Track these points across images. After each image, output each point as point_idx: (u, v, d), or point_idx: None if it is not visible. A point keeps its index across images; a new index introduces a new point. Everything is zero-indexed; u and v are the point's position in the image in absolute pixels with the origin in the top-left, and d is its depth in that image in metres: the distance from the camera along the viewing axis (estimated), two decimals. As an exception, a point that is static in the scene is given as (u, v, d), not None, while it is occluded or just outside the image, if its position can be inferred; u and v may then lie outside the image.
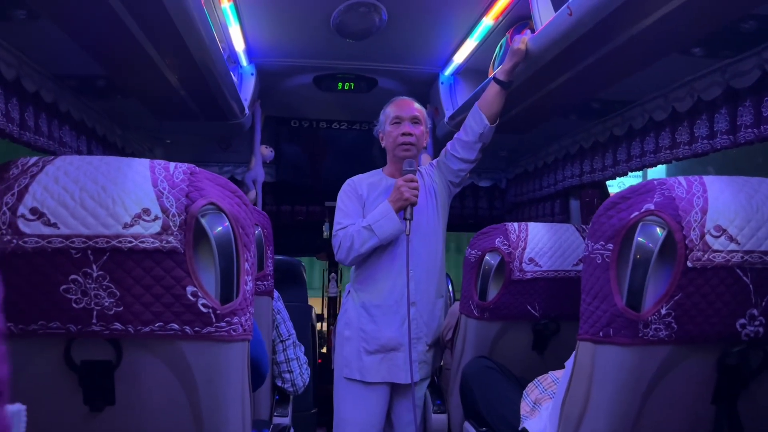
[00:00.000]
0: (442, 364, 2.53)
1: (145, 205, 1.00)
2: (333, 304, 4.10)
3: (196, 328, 1.03)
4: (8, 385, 0.23)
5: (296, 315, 2.56)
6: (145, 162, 1.05)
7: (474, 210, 4.07)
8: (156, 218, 1.00)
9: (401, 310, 2.20)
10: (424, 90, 3.29)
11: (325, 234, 4.00)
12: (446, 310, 2.41)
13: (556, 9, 1.88)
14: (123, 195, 1.00)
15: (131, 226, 0.99)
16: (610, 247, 1.13)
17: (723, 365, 1.13)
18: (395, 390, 2.31)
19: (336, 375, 2.35)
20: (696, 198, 1.08)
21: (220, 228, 1.05)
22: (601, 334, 1.15)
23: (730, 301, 1.08)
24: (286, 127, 3.81)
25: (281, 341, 2.21)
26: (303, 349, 2.32)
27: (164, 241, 1.00)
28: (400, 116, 2.28)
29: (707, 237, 1.06)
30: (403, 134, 2.24)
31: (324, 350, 4.18)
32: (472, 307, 1.99)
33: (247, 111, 3.01)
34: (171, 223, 1.00)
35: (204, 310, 1.03)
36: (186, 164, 1.07)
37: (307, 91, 3.33)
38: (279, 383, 2.23)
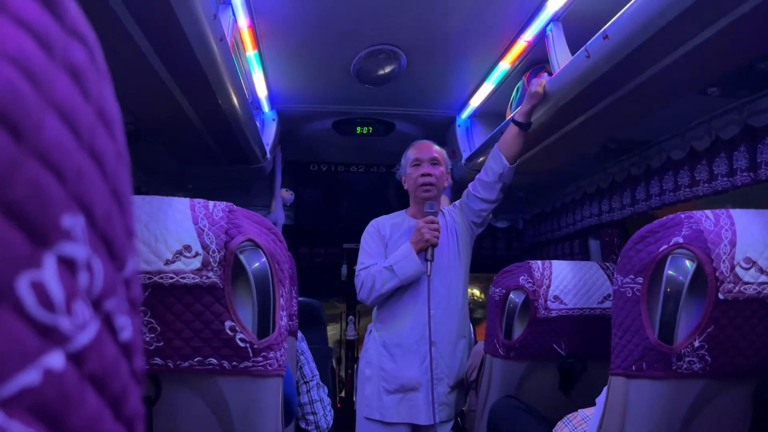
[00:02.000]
0: (464, 409, 2.50)
1: (186, 242, 1.03)
2: (351, 347, 4.08)
3: (234, 363, 1.05)
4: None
5: (317, 357, 2.56)
6: (185, 201, 1.09)
7: (492, 251, 4.08)
8: (197, 255, 1.03)
9: (421, 349, 2.21)
10: (441, 133, 3.35)
11: (343, 276, 4.02)
12: (469, 351, 2.40)
13: (573, 52, 1.94)
14: (165, 232, 1.03)
15: (173, 262, 1.02)
16: (640, 281, 1.14)
17: (758, 399, 1.12)
18: (416, 431, 2.29)
19: (357, 415, 2.35)
20: (724, 231, 1.09)
21: (257, 264, 1.07)
22: (633, 368, 1.15)
23: (763, 333, 1.08)
24: (306, 170, 3.88)
25: (305, 382, 2.20)
26: (326, 390, 2.31)
27: (204, 277, 1.03)
28: (420, 158, 2.33)
29: (737, 269, 1.07)
30: (423, 175, 2.29)
31: (342, 394, 4.15)
32: (498, 346, 1.98)
33: (268, 155, 3.07)
34: (211, 260, 1.03)
35: (242, 344, 1.05)
36: (224, 202, 1.11)
37: (326, 135, 3.40)
38: (303, 425, 2.21)
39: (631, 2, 1.55)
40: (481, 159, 2.66)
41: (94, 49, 0.24)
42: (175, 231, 1.04)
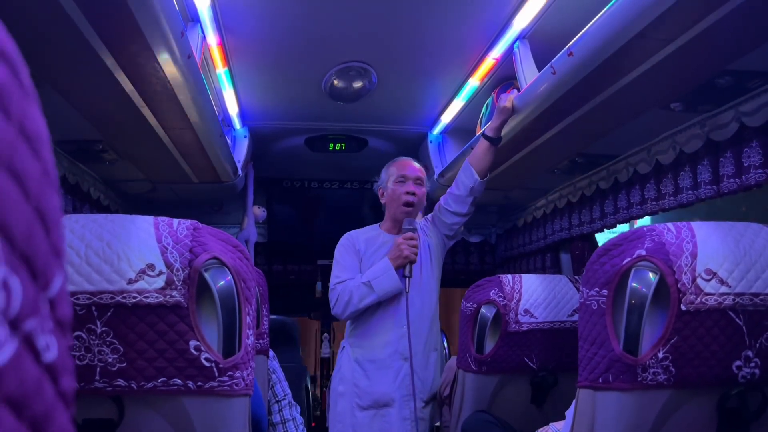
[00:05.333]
0: (438, 424, 2.49)
1: (150, 260, 1.02)
2: (326, 365, 4.05)
3: (199, 383, 1.03)
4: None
5: (290, 376, 2.53)
6: (149, 219, 1.07)
7: (466, 265, 4.10)
8: (160, 273, 1.01)
9: (394, 364, 2.22)
10: (414, 149, 3.37)
11: (318, 293, 4.00)
12: (440, 364, 2.40)
13: (539, 69, 1.97)
14: (128, 251, 1.01)
15: (136, 281, 1.00)
16: (605, 293, 1.16)
17: (723, 408, 1.13)
18: None
19: None
20: (685, 243, 1.11)
21: (222, 282, 1.06)
22: (600, 380, 1.16)
23: (725, 343, 1.09)
24: (278, 187, 3.87)
25: (277, 401, 2.18)
26: (299, 409, 2.28)
27: (168, 296, 1.01)
28: (405, 175, 2.33)
29: (699, 280, 1.08)
30: (407, 193, 2.30)
31: (318, 413, 4.10)
32: (470, 360, 1.98)
33: (240, 172, 3.06)
34: (175, 278, 1.02)
35: (207, 364, 1.03)
36: (189, 220, 1.10)
37: (299, 152, 3.40)
38: (275, 445, 2.18)
39: (594, 20, 1.58)
40: (453, 174, 2.68)
41: (18, 67, 0.24)
42: (138, 249, 1.02)
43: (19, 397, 0.21)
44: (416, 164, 2.40)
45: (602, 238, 3.02)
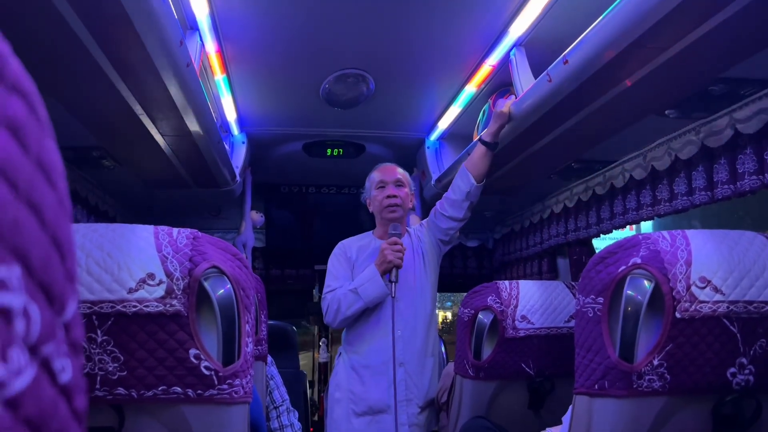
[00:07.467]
0: (436, 430, 2.50)
1: (150, 269, 1.03)
2: (324, 369, 4.06)
3: (199, 391, 1.04)
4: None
5: (288, 381, 2.54)
6: (149, 228, 1.08)
7: (463, 270, 4.11)
8: (160, 282, 1.02)
9: (388, 371, 2.23)
10: (411, 154, 3.38)
11: (315, 298, 4.01)
12: (438, 370, 2.41)
13: (535, 76, 1.99)
14: (128, 260, 1.02)
15: (136, 290, 1.01)
16: (601, 301, 1.17)
17: (718, 415, 1.14)
18: None
19: None
20: (680, 251, 1.12)
21: (222, 290, 1.07)
22: (596, 387, 1.17)
23: (719, 351, 1.11)
24: (276, 192, 3.88)
25: (275, 407, 2.18)
26: (297, 414, 2.29)
27: (168, 305, 1.02)
28: (384, 180, 2.36)
29: (693, 288, 1.10)
30: (388, 197, 2.32)
31: (315, 418, 4.11)
32: (467, 366, 1.99)
33: (238, 178, 3.07)
34: (175, 287, 1.03)
35: (206, 372, 1.04)
36: (189, 229, 1.11)
37: (296, 157, 3.41)
38: (273, 451, 2.19)
39: (589, 28, 1.60)
40: (450, 179, 2.70)
41: (35, 101, 0.25)
42: (139, 259, 1.03)
43: (38, 418, 0.22)
44: (397, 168, 2.44)
45: (601, 243, 3.04)
